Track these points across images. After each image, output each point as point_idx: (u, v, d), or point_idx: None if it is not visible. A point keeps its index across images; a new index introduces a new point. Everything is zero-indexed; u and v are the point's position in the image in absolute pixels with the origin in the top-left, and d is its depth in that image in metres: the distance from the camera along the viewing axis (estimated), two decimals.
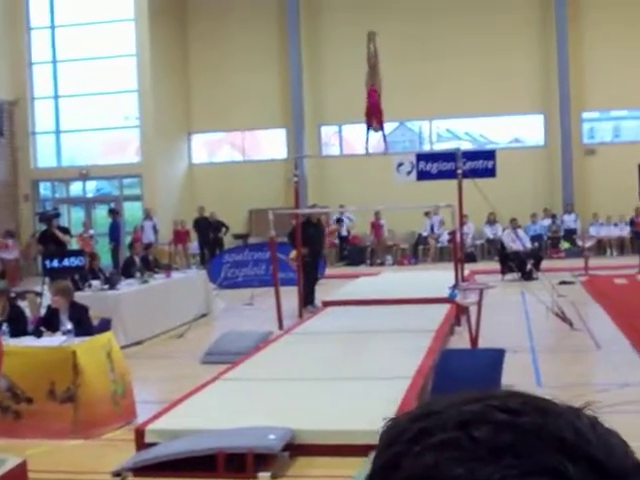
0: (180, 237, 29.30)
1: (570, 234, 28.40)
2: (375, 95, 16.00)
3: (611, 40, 29.47)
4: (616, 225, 28.77)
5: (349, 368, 10.04)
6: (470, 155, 18.47)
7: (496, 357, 9.50)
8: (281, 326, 14.84)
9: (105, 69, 30.68)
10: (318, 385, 9.20)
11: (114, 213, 28.91)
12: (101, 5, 30.98)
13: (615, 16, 29.39)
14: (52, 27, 31.47)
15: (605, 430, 0.97)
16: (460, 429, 0.95)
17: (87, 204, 32.20)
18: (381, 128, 15.73)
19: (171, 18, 31.64)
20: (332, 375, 9.63)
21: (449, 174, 17.28)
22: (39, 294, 15.77)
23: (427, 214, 28.70)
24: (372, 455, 1.00)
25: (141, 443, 7.67)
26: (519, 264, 20.23)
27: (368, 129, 15.68)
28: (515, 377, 9.83)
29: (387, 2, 30.68)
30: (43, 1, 31.47)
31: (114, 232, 28.23)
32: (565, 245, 28.41)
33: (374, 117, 15.75)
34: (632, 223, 28.35)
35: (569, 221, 29.10)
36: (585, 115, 30.90)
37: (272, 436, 7.25)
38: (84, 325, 10.04)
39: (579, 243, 25.58)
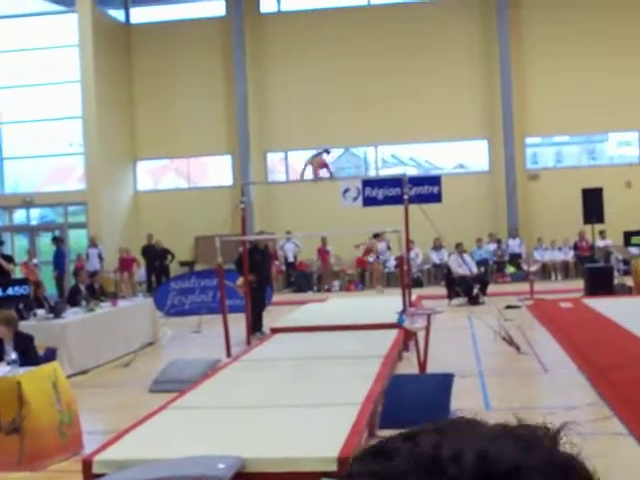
0: (126, 264, 29.09)
1: (515, 258, 28.66)
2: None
3: (552, 69, 29.96)
4: (560, 249, 29.10)
5: (298, 395, 10.00)
6: (416, 181, 18.57)
7: (445, 382, 9.53)
8: (229, 353, 14.77)
9: (49, 95, 30.48)
10: (267, 412, 9.15)
11: (58, 241, 28.61)
12: (45, 31, 30.79)
13: (556, 46, 29.91)
14: None
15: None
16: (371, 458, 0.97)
17: (31, 232, 31.84)
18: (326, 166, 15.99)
19: (116, 44, 31.54)
20: (281, 402, 9.58)
21: (395, 200, 17.36)
22: None
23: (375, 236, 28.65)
24: None
25: (89, 474, 7.54)
26: (466, 289, 20.37)
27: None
28: (464, 401, 9.87)
29: (333, 31, 30.85)
30: None
31: (58, 260, 27.93)
32: (510, 269, 28.65)
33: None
34: (576, 247, 28.69)
35: (514, 245, 29.36)
36: (528, 140, 31.29)
37: (221, 465, 7.17)
38: (30, 355, 9.90)
39: (524, 267, 25.83)
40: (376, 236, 28.08)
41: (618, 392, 10.24)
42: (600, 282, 22.17)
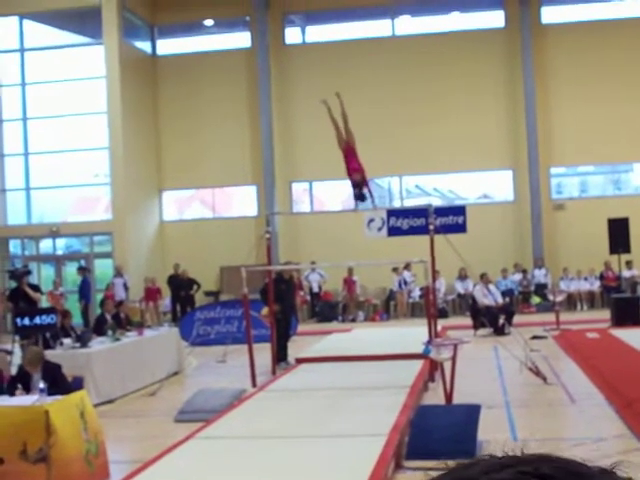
0: (151, 294, 29.16)
1: (541, 289, 28.51)
2: (351, 153, 15.95)
3: (577, 99, 29.98)
4: (586, 279, 28.94)
5: (324, 425, 9.98)
6: (440, 211, 18.52)
7: (472, 412, 9.49)
8: (254, 383, 14.75)
9: (76, 126, 30.73)
10: (293, 443, 9.14)
11: (83, 271, 28.74)
12: (72, 62, 31.10)
13: (581, 76, 29.94)
14: (23, 84, 31.52)
15: None
16: None
17: (57, 261, 32.02)
18: (366, 184, 15.68)
19: (142, 75, 31.80)
20: (307, 433, 9.56)
21: (419, 230, 17.34)
22: (9, 352, 15.61)
23: (395, 270, 28.68)
24: None
25: None
26: (491, 319, 20.29)
27: (354, 186, 15.59)
28: (491, 432, 9.82)
29: (357, 61, 31.00)
30: (14, 58, 31.57)
31: (84, 290, 28.05)
32: (536, 300, 28.51)
33: (357, 173, 15.70)
34: (602, 277, 28.55)
35: (539, 276, 29.24)
36: (553, 170, 31.23)
37: None
38: (59, 383, 9.93)
39: (550, 297, 25.67)
40: (406, 267, 28.08)
41: None
42: (627, 312, 22.04)
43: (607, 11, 30.90)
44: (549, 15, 31.13)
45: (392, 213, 18.44)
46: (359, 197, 15.36)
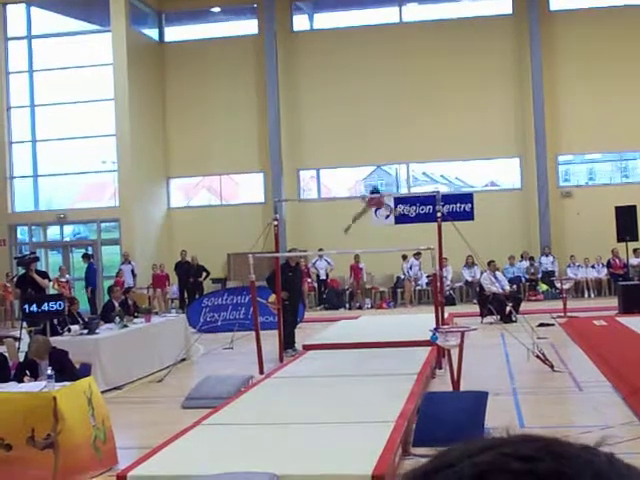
0: (159, 281, 29.21)
1: (548, 276, 28.48)
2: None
3: (585, 86, 29.91)
4: (593, 267, 28.92)
5: (331, 412, 9.99)
6: (448, 198, 18.47)
7: (479, 399, 9.49)
8: (262, 370, 14.77)
9: (83, 113, 30.75)
10: (301, 429, 9.14)
11: (88, 257, 28.79)
12: (79, 49, 31.09)
13: (589, 64, 29.87)
14: (30, 71, 31.53)
15: (624, 466, 0.95)
16: None
17: (64, 248, 32.08)
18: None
19: (149, 62, 31.79)
20: (315, 419, 9.57)
21: (427, 217, 17.32)
22: (17, 339, 15.64)
23: (404, 257, 28.70)
24: None
25: None
26: (498, 306, 20.25)
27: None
28: (498, 419, 9.82)
29: (365, 49, 30.93)
30: (22, 45, 31.57)
31: (89, 276, 28.11)
32: (543, 287, 28.50)
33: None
34: (609, 265, 28.51)
35: (547, 263, 29.22)
36: (560, 158, 31.16)
37: None
38: (67, 369, 9.96)
39: (557, 285, 25.65)
40: (416, 255, 28.12)
41: None
42: (634, 300, 22.00)
43: None
44: (557, 2, 31.01)
45: (399, 201, 18.41)
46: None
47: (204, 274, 28.84)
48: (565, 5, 31.02)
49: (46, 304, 14.78)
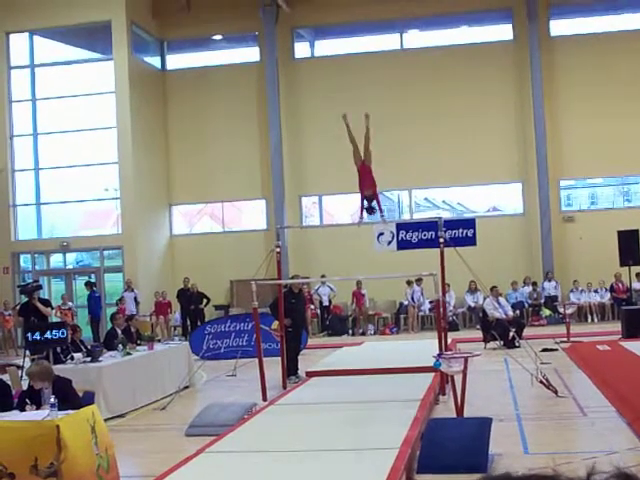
0: (161, 308, 29.22)
1: (551, 301, 28.47)
2: (366, 171, 15.97)
3: (586, 112, 30.01)
4: (596, 291, 28.89)
5: (336, 439, 9.96)
6: (450, 224, 18.48)
7: (483, 425, 9.47)
8: (265, 397, 14.74)
9: (85, 141, 30.85)
10: (304, 457, 9.12)
11: (91, 285, 28.81)
12: (82, 78, 31.23)
13: (590, 90, 29.99)
14: (33, 100, 31.66)
15: None
16: None
17: (67, 276, 32.08)
18: (376, 197, 15.70)
19: (151, 90, 31.92)
20: (319, 446, 9.54)
21: (429, 243, 17.33)
22: (20, 367, 15.61)
23: (409, 283, 28.69)
24: None
25: None
26: (501, 332, 20.23)
27: (362, 199, 15.62)
28: (502, 445, 9.80)
29: (366, 75, 31.06)
30: (24, 74, 31.71)
31: (91, 304, 28.12)
32: (546, 312, 28.47)
33: (369, 188, 15.75)
34: (612, 289, 28.49)
35: (549, 288, 29.20)
36: (562, 183, 31.21)
37: None
38: (70, 398, 9.94)
39: (560, 310, 25.63)
40: (418, 281, 28.13)
41: None
42: (638, 324, 21.96)
43: (617, 23, 30.94)
44: (558, 28, 31.14)
45: (402, 226, 18.42)
46: (369, 210, 15.39)
47: (204, 301, 28.85)
48: (565, 31, 31.15)
49: (49, 332, 14.77)
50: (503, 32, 31.45)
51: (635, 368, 16.52)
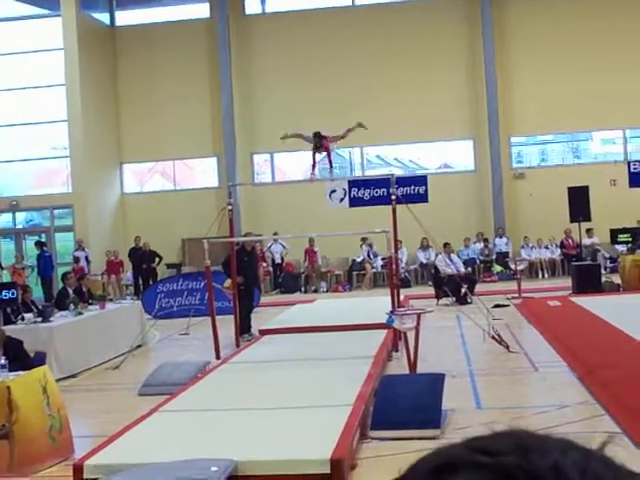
0: (113, 267, 29.03)
1: (502, 257, 28.67)
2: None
3: (537, 67, 30.04)
4: (547, 248, 29.14)
5: (289, 397, 9.97)
6: (402, 181, 18.51)
7: (436, 382, 9.52)
8: (218, 356, 14.72)
9: (34, 99, 30.39)
10: (259, 415, 9.12)
11: (40, 245, 28.53)
12: (30, 35, 30.69)
13: (541, 45, 30.00)
14: None
15: (601, 465, 0.92)
16: (435, 474, 0.92)
17: (17, 235, 31.72)
18: (326, 150, 15.80)
19: (101, 47, 31.46)
20: (273, 404, 9.55)
21: (381, 200, 17.38)
22: None
23: (364, 240, 28.66)
24: None
25: (79, 479, 7.51)
26: (453, 288, 20.34)
27: (314, 149, 15.71)
28: (455, 401, 9.88)
29: (317, 32, 30.86)
30: None
31: (42, 264, 27.84)
32: (497, 268, 28.67)
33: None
34: (562, 245, 28.74)
35: (501, 244, 29.40)
36: (513, 140, 31.33)
37: (214, 468, 7.14)
38: (21, 358, 9.85)
39: (511, 266, 25.83)
40: (364, 239, 28.17)
41: (609, 390, 10.24)
42: (588, 280, 22.20)
43: None
44: None
45: (354, 184, 18.43)
46: (317, 148, 15.70)
47: (156, 259, 28.71)
48: None
49: None
50: None
51: (585, 323, 16.72)
